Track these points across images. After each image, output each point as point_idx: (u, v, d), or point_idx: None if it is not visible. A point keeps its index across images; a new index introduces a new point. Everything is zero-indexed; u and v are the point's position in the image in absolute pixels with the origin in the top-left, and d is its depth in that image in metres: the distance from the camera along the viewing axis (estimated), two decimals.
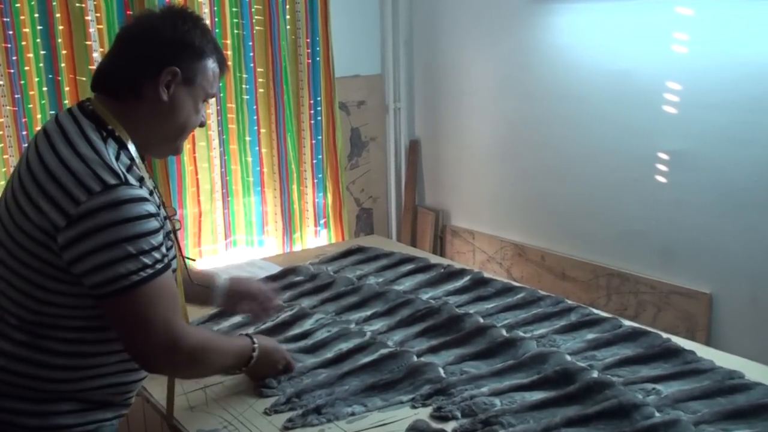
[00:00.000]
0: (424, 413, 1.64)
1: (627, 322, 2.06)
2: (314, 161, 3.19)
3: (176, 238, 1.56)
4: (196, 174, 2.90)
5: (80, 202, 1.28)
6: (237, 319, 2.20)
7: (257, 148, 3.04)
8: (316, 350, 1.95)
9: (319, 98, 3.15)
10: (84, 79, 2.57)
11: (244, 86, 2.95)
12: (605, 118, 2.71)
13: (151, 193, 1.42)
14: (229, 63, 2.90)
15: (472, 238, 3.36)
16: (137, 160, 1.41)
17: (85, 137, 1.36)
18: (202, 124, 1.54)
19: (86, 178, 1.30)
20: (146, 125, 1.44)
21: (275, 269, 2.62)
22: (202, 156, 2.90)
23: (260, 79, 3.01)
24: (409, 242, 3.58)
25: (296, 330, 2.09)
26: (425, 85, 3.54)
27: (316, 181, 3.21)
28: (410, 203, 3.60)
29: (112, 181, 1.30)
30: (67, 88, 2.58)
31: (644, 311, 2.65)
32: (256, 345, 1.66)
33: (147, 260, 1.33)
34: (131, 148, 1.41)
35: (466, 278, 2.45)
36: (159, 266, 1.36)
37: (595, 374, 1.72)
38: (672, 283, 2.57)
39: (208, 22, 2.81)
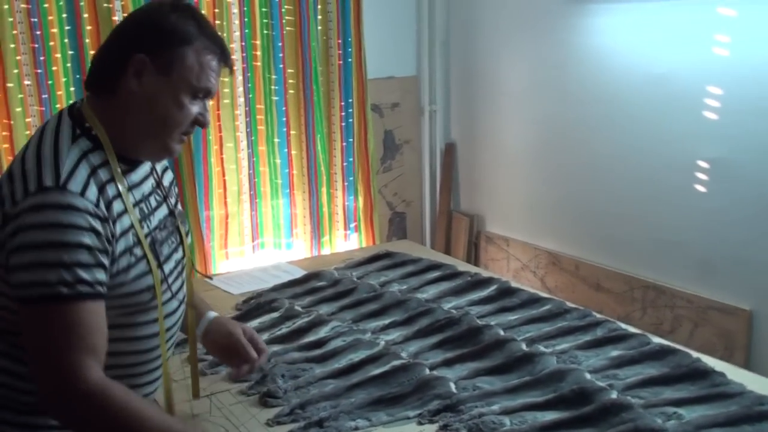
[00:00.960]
0: (430, 430, 1.58)
1: (656, 339, 1.96)
2: (345, 164, 3.14)
3: (184, 252, 1.50)
4: (223, 175, 2.88)
5: (16, 202, 1.20)
6: (253, 323, 2.17)
7: (286, 150, 3.00)
8: (326, 360, 1.90)
9: (350, 100, 3.10)
10: None
11: (273, 87, 2.92)
12: (643, 123, 2.59)
13: (138, 203, 1.36)
14: (258, 63, 2.88)
15: (507, 245, 3.27)
16: (114, 164, 1.31)
17: (55, 134, 1.28)
18: (200, 123, 1.38)
19: (30, 177, 1.21)
20: (124, 122, 1.32)
21: (300, 273, 2.59)
22: (230, 157, 2.88)
23: (290, 80, 2.97)
24: (443, 248, 3.51)
25: (311, 337, 2.05)
26: (461, 87, 3.46)
27: (346, 183, 3.16)
28: (445, 208, 3.52)
29: (48, 182, 1.20)
30: None
31: (680, 327, 2.53)
32: None
33: (64, 275, 1.17)
34: (106, 148, 1.30)
35: (492, 287, 2.38)
36: (81, 288, 1.19)
37: (614, 395, 1.63)
38: (710, 297, 2.44)
39: (237, 22, 2.81)
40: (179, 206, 1.57)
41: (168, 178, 1.56)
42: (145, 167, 1.43)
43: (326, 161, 3.09)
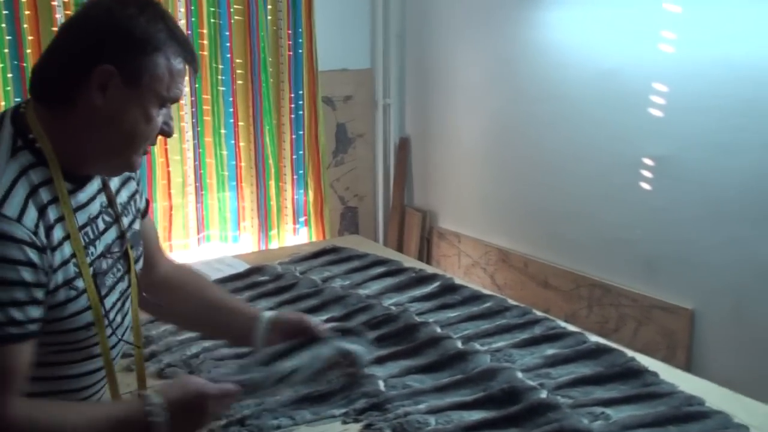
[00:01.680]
0: (354, 429, 1.54)
1: (594, 338, 1.93)
2: (294, 156, 3.10)
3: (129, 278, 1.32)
4: (167, 166, 2.82)
5: None
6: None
7: (233, 142, 2.95)
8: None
9: (300, 92, 3.06)
10: None
11: (220, 77, 2.86)
12: (591, 119, 2.58)
13: (83, 227, 1.20)
14: (205, 53, 2.82)
15: (458, 241, 3.25)
16: (60, 183, 1.15)
17: None
18: (165, 133, 1.22)
19: None
20: (81, 137, 1.15)
21: (244, 267, 2.54)
22: (174, 148, 2.82)
23: (239, 71, 2.91)
24: (396, 243, 3.48)
25: None
26: (416, 81, 3.43)
27: (296, 177, 3.12)
28: (398, 203, 3.49)
29: None
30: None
31: (625, 325, 2.52)
32: (152, 405, 1.15)
33: None
34: (51, 164, 1.15)
35: (435, 284, 2.33)
36: (11, 330, 1.07)
37: (543, 394, 1.60)
38: (654, 296, 2.43)
39: (183, 10, 2.74)
40: (136, 224, 1.38)
41: (128, 190, 1.38)
42: (93, 184, 1.25)
43: (275, 154, 3.04)
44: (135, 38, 1.14)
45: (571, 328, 2.01)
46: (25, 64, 2.49)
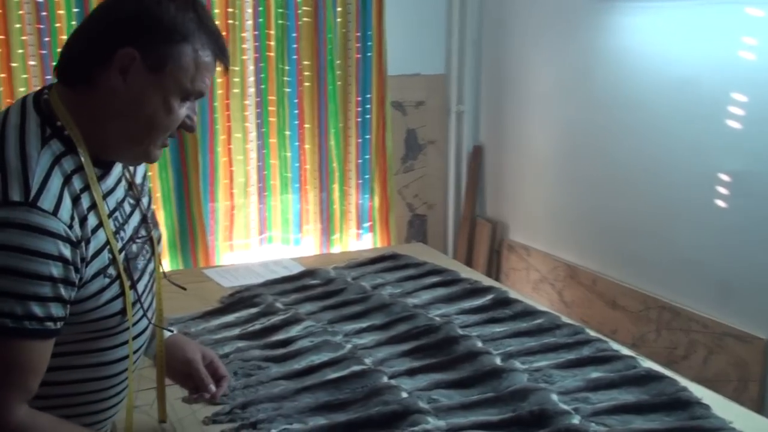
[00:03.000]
0: None
1: (648, 363, 1.79)
2: (360, 161, 3.05)
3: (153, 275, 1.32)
4: (230, 166, 2.83)
5: None
6: (229, 318, 2.11)
7: (297, 144, 2.93)
8: (286, 360, 1.81)
9: (368, 95, 3.01)
10: None
11: (286, 78, 2.85)
12: (666, 130, 2.42)
13: (112, 212, 1.19)
14: (272, 54, 2.82)
15: (528, 254, 3.12)
16: (90, 170, 1.14)
17: (20, 134, 1.10)
18: (188, 128, 1.20)
19: None
20: (102, 122, 1.14)
21: (299, 270, 2.51)
22: (238, 148, 2.83)
23: (305, 72, 2.90)
24: (465, 254, 3.38)
25: (280, 336, 1.96)
26: (491, 88, 3.32)
27: (361, 181, 3.07)
28: (469, 213, 3.39)
29: (15, 196, 1.03)
30: None
31: (695, 353, 2.34)
32: None
33: (15, 308, 1.03)
34: (81, 152, 1.13)
35: (488, 297, 2.24)
36: (29, 325, 1.04)
37: (575, 420, 1.49)
38: (726, 323, 2.25)
39: (250, 11, 2.75)
40: (152, 206, 1.38)
41: (141, 170, 1.37)
42: (118, 167, 1.25)
43: (340, 157, 3.01)
44: (162, 24, 1.13)
45: (624, 351, 1.87)
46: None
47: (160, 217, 2.74)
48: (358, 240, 3.12)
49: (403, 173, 3.30)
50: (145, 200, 1.33)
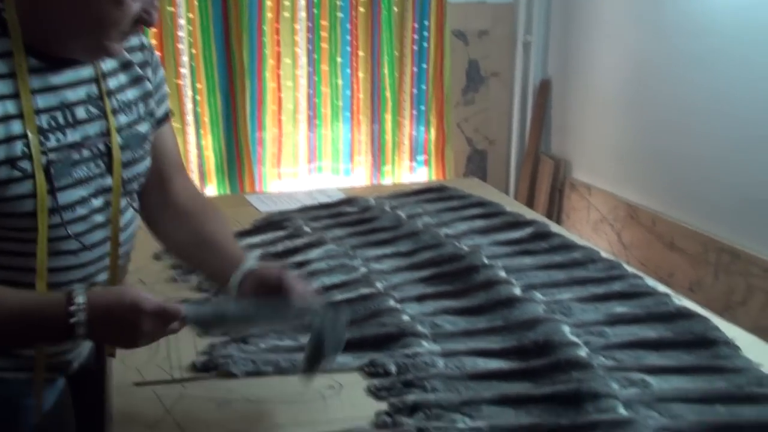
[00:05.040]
0: (359, 362, 1.41)
1: (682, 301, 1.65)
2: (415, 90, 2.95)
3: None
4: (279, 92, 2.78)
5: None
6: (255, 239, 2.08)
7: (349, 71, 2.85)
8: None
9: (426, 22, 2.89)
10: None
11: (339, 3, 2.76)
12: (738, 57, 2.20)
13: (50, 110, 1.12)
14: None
15: (589, 193, 2.96)
16: (21, 56, 1.08)
17: None
18: (145, 22, 1.12)
19: None
20: (48, 12, 1.08)
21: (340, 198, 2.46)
22: (287, 74, 2.77)
23: None
24: (527, 193, 3.24)
25: (298, 257, 1.91)
26: (561, 18, 3.13)
27: (415, 112, 2.97)
28: (533, 150, 3.24)
29: None
30: None
31: (752, 298, 2.16)
32: (78, 305, 1.04)
33: None
34: (13, 35, 1.07)
35: (528, 230, 2.12)
36: None
37: (581, 352, 1.38)
38: None
39: None
40: (141, 127, 1.27)
41: (139, 90, 1.27)
42: (82, 72, 1.18)
43: (393, 86, 2.91)
44: None
45: (660, 287, 1.73)
46: None
47: (208, 141, 2.73)
48: (411, 173, 3.03)
49: (464, 106, 3.17)
50: (125, 117, 1.24)
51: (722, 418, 1.18)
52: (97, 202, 1.19)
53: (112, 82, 1.23)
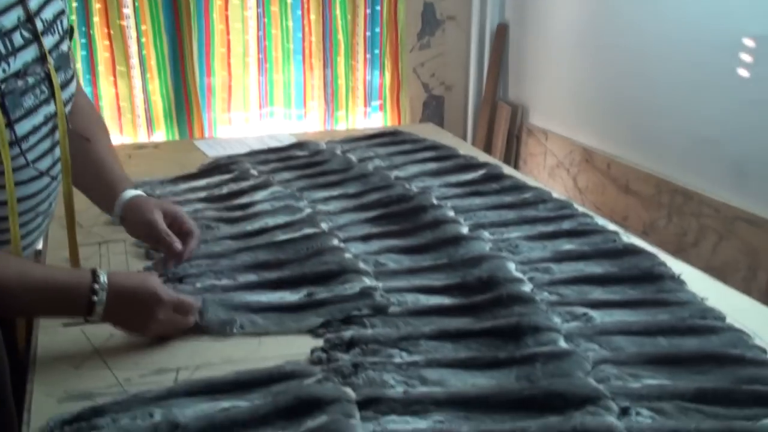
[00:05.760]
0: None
1: (631, 238, 1.63)
2: (369, 33, 2.87)
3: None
4: (228, 34, 2.68)
5: None
6: (199, 183, 2.02)
7: (300, 12, 2.76)
8: (239, 222, 1.71)
9: None
10: None
11: None
12: (691, 4, 2.16)
13: None
14: None
15: (546, 138, 2.93)
16: None
17: None
18: None
19: None
20: None
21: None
22: (235, 15, 2.68)
23: None
24: (484, 139, 3.20)
25: (243, 200, 1.86)
26: None
27: (369, 56, 2.90)
28: (490, 96, 3.19)
29: None
30: None
31: (704, 239, 2.16)
32: (100, 285, 1.09)
33: None
34: None
35: (480, 172, 2.09)
36: None
37: (526, 288, 1.35)
38: (739, 207, 2.05)
39: None
40: (64, 46, 1.25)
41: (54, 8, 1.23)
42: None
43: (346, 29, 2.83)
44: None
45: (610, 226, 1.71)
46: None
47: (155, 85, 2.64)
48: (365, 118, 2.97)
49: (419, 50, 3.10)
50: (51, 38, 1.20)
51: (663, 349, 1.16)
52: (46, 129, 1.19)
53: (33, 3, 1.17)
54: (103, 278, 1.10)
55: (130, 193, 1.38)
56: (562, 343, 1.16)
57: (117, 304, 1.10)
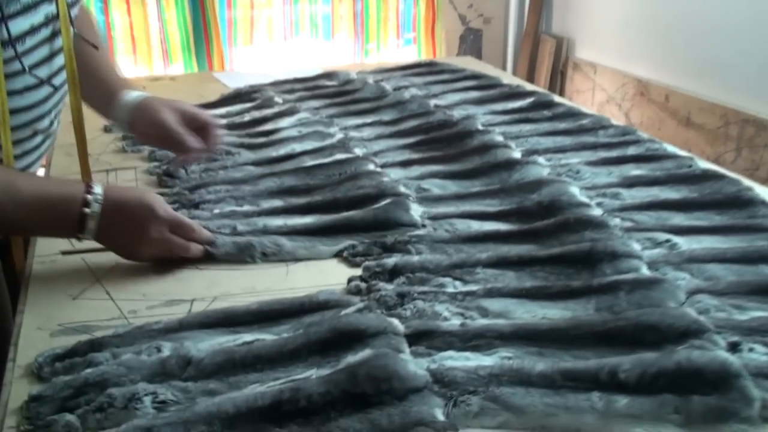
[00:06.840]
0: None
1: (706, 164, 1.43)
2: None
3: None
4: None
5: None
6: (219, 110, 1.84)
7: None
8: (263, 148, 1.54)
9: None
10: None
11: None
12: None
13: None
14: None
15: (594, 72, 2.70)
16: None
17: None
18: None
19: None
20: None
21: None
22: None
23: None
24: (525, 75, 2.98)
25: (267, 126, 1.68)
26: None
27: None
28: (532, 29, 2.96)
29: None
30: None
31: None
32: (94, 195, 0.96)
33: None
34: None
35: (529, 100, 1.88)
36: None
37: (596, 212, 1.16)
38: None
39: None
40: None
41: None
42: None
43: None
44: None
45: (681, 153, 1.51)
46: None
47: (171, 14, 2.46)
48: (398, 50, 2.76)
49: None
50: None
51: (763, 278, 0.97)
52: (46, 31, 1.07)
53: None
54: (98, 189, 0.95)
55: (137, 93, 1.25)
56: (646, 272, 0.98)
57: (111, 221, 0.96)
